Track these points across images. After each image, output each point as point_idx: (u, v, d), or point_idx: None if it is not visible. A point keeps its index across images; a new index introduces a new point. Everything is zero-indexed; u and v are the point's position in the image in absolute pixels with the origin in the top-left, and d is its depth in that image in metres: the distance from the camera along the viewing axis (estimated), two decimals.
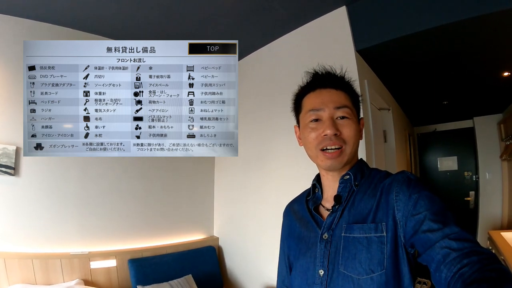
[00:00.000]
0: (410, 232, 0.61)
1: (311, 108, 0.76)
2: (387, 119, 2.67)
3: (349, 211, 0.71)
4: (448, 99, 3.42)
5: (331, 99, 0.74)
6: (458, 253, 0.52)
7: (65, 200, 2.05)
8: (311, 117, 0.75)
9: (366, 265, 0.63)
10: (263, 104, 2.46)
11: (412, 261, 0.66)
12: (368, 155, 1.84)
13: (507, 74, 2.52)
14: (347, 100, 0.76)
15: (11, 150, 1.83)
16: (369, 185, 0.73)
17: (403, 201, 0.64)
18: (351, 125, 0.73)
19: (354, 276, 0.64)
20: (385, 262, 0.63)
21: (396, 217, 0.64)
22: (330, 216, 0.73)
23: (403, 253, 0.64)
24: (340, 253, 0.67)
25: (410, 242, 0.62)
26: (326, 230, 0.72)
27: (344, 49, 1.95)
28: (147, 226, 2.42)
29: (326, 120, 0.73)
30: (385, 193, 0.68)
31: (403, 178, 0.68)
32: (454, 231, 0.55)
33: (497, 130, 3.79)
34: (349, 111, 0.74)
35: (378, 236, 0.64)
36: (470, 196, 4.08)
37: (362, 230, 0.66)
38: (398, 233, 0.64)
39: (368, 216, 0.68)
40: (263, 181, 2.39)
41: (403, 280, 0.64)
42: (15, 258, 1.76)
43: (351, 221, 0.69)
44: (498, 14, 1.52)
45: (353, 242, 0.66)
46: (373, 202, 0.69)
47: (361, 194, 0.72)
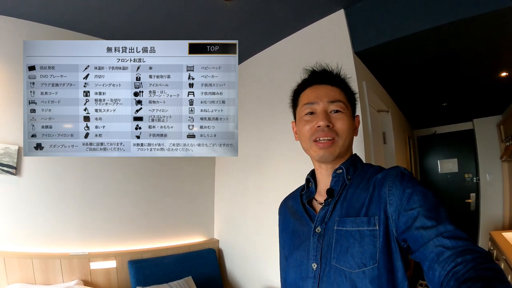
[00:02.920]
0: (402, 227, 0.61)
1: (306, 102, 0.78)
2: (386, 121, 2.68)
3: (342, 205, 0.71)
4: (447, 101, 3.43)
5: (326, 94, 0.77)
6: (452, 251, 0.52)
7: (66, 200, 2.05)
8: (306, 110, 0.78)
9: (358, 259, 0.63)
10: (263, 106, 2.46)
11: (406, 257, 0.65)
12: (367, 157, 1.84)
13: (505, 75, 2.53)
14: (342, 96, 0.78)
15: (13, 150, 1.84)
16: (362, 179, 0.73)
17: (396, 196, 0.64)
18: (344, 119, 0.75)
19: (346, 269, 0.64)
20: (378, 256, 0.62)
21: (388, 211, 0.64)
22: (323, 210, 0.73)
23: (396, 247, 0.64)
24: (332, 246, 0.67)
25: (402, 237, 0.62)
26: (319, 223, 0.72)
27: (342, 51, 1.96)
28: (147, 228, 2.41)
29: (320, 113, 0.75)
30: (378, 187, 0.68)
31: (396, 173, 0.68)
32: (448, 229, 0.55)
33: (496, 131, 3.80)
34: (343, 106, 0.76)
35: (371, 229, 0.64)
36: (471, 198, 4.07)
37: (354, 224, 0.66)
38: (390, 228, 0.64)
39: (361, 209, 0.68)
40: (264, 184, 2.39)
41: (397, 274, 0.63)
42: (14, 258, 1.75)
43: (343, 215, 0.69)
44: (495, 14, 1.53)
45: (346, 235, 0.66)
46: (366, 195, 0.69)
47: (354, 188, 0.72)
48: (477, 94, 3.12)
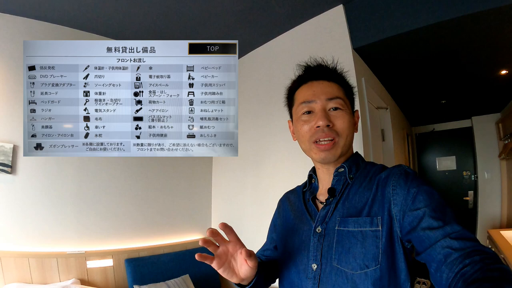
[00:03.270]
0: (407, 227, 0.60)
1: (303, 100, 0.75)
2: (385, 118, 2.69)
3: (344, 204, 0.69)
4: (446, 98, 3.43)
5: (323, 91, 0.73)
6: (460, 252, 0.51)
7: (62, 199, 2.04)
8: (303, 109, 0.75)
9: (361, 260, 0.61)
10: (261, 103, 2.46)
11: (410, 257, 0.64)
12: (366, 153, 1.84)
13: (505, 72, 2.53)
14: (340, 92, 0.75)
15: (8, 148, 1.83)
16: (365, 178, 0.71)
17: (400, 195, 0.62)
18: (344, 117, 0.72)
19: (347, 271, 0.62)
20: (380, 257, 0.61)
21: (392, 211, 0.62)
22: (324, 209, 0.71)
23: (400, 248, 0.62)
24: (333, 247, 0.65)
25: (407, 237, 0.61)
26: (319, 223, 0.70)
27: (341, 47, 1.96)
28: (144, 226, 2.41)
29: (319, 112, 0.72)
30: (381, 186, 0.66)
31: (400, 172, 0.66)
32: (456, 230, 0.53)
33: (495, 129, 3.81)
34: (342, 102, 0.73)
35: (373, 230, 0.63)
36: (469, 195, 4.09)
37: (357, 224, 0.65)
38: (394, 228, 0.62)
39: (363, 209, 0.66)
40: (261, 181, 2.39)
41: (399, 276, 0.62)
42: (11, 257, 1.75)
43: (345, 215, 0.67)
44: (495, 11, 1.52)
45: (347, 236, 0.65)
46: (369, 195, 0.67)
47: (356, 187, 0.71)
48: (476, 92, 3.13)
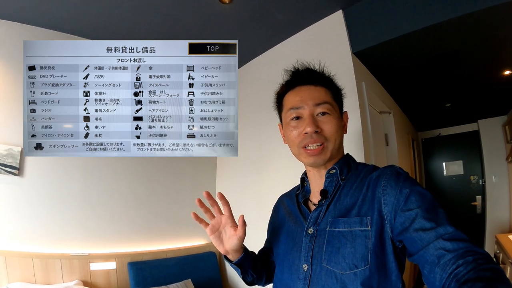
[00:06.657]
0: (398, 228, 0.59)
1: (291, 106, 0.76)
2: (389, 123, 2.66)
3: (335, 206, 0.70)
4: (451, 102, 3.40)
5: (311, 96, 0.74)
6: (453, 254, 0.51)
7: (67, 201, 2.07)
8: (291, 115, 0.76)
9: (350, 260, 0.61)
10: (264, 109, 2.46)
11: (401, 257, 0.63)
12: (367, 158, 1.82)
13: (509, 73, 2.50)
14: (328, 96, 0.75)
15: (16, 151, 1.86)
16: (356, 179, 0.72)
17: (391, 195, 0.62)
18: (332, 121, 0.73)
19: (337, 271, 0.62)
20: (369, 257, 0.60)
21: (382, 212, 0.62)
22: (316, 211, 0.72)
23: (390, 249, 0.62)
24: (323, 247, 0.66)
25: (398, 238, 0.60)
26: (311, 224, 0.71)
27: (341, 52, 1.96)
28: (148, 230, 2.41)
29: (307, 118, 0.73)
30: (372, 187, 0.66)
31: (391, 172, 0.66)
32: (448, 231, 0.53)
33: (502, 132, 3.76)
34: (329, 107, 0.73)
35: (363, 230, 0.62)
36: (477, 200, 4.01)
37: (346, 224, 0.65)
38: (384, 228, 0.62)
39: (353, 209, 0.66)
40: (264, 187, 2.37)
41: (390, 277, 0.61)
42: (15, 257, 1.77)
43: (336, 215, 0.68)
44: (494, 9, 1.49)
45: (338, 236, 0.65)
46: (359, 195, 0.67)
47: (348, 188, 0.71)
48: (480, 94, 3.09)
